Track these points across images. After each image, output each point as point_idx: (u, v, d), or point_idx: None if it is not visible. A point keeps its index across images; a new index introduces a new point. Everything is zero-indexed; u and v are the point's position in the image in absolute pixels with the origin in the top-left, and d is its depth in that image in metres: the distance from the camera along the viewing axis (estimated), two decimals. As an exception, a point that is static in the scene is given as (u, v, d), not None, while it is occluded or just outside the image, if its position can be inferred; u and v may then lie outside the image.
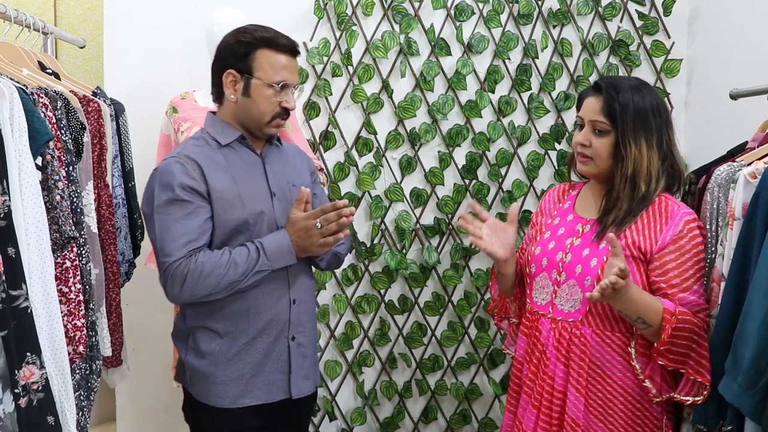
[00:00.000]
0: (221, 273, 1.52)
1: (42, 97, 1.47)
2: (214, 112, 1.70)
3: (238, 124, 1.64)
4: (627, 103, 1.53)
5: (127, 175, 2.05)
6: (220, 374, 1.60)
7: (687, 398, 1.48)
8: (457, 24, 2.61)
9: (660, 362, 1.46)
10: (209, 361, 1.60)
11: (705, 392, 1.46)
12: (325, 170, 2.51)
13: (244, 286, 1.55)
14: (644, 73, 2.72)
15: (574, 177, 1.75)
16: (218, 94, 1.66)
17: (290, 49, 1.61)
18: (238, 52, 1.60)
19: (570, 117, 2.71)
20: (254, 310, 1.60)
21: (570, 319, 1.57)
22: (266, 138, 1.68)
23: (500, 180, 2.69)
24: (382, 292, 2.66)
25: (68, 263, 1.46)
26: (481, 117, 2.64)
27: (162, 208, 1.54)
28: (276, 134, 1.70)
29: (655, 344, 1.45)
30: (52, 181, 1.42)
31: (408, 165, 2.62)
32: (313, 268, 1.77)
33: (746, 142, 1.76)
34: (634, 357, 1.51)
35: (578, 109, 1.64)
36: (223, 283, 1.52)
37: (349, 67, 2.56)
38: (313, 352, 1.72)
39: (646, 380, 1.50)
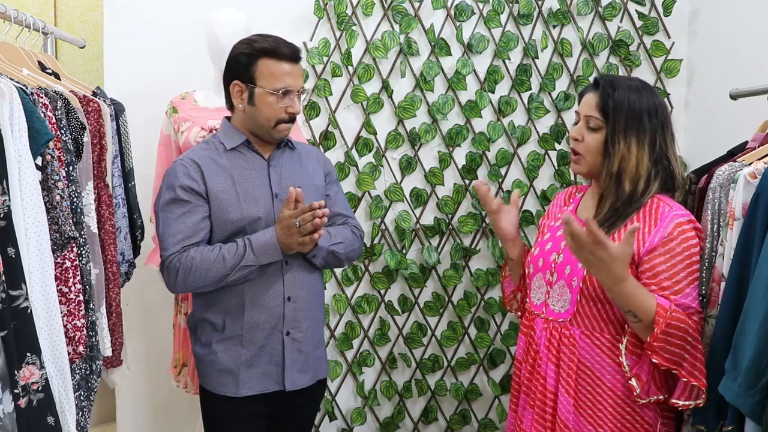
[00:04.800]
0: (209, 267, 1.63)
1: (42, 97, 1.47)
2: (229, 118, 1.81)
3: (247, 130, 1.75)
4: (622, 100, 1.53)
5: (127, 175, 2.04)
6: (219, 363, 1.72)
7: (688, 402, 1.45)
8: (457, 24, 2.61)
9: (654, 360, 1.43)
10: (210, 350, 1.73)
11: (703, 395, 1.44)
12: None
13: (232, 280, 1.66)
14: (644, 73, 2.72)
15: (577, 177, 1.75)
16: (229, 103, 1.76)
17: (291, 56, 1.69)
18: (241, 63, 1.69)
19: (570, 117, 2.71)
20: (248, 306, 1.70)
21: (560, 320, 1.57)
22: (275, 142, 1.77)
23: (500, 180, 2.69)
24: (382, 292, 2.66)
25: (68, 263, 1.46)
26: (481, 117, 2.64)
27: (165, 207, 1.69)
28: (285, 138, 1.78)
29: (648, 339, 1.42)
30: (52, 181, 1.42)
31: (408, 165, 2.62)
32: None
33: (746, 142, 1.76)
34: (623, 353, 1.49)
35: (579, 104, 1.65)
36: (212, 276, 1.64)
37: (349, 67, 2.56)
38: (312, 347, 1.79)
39: (632, 378, 1.47)
